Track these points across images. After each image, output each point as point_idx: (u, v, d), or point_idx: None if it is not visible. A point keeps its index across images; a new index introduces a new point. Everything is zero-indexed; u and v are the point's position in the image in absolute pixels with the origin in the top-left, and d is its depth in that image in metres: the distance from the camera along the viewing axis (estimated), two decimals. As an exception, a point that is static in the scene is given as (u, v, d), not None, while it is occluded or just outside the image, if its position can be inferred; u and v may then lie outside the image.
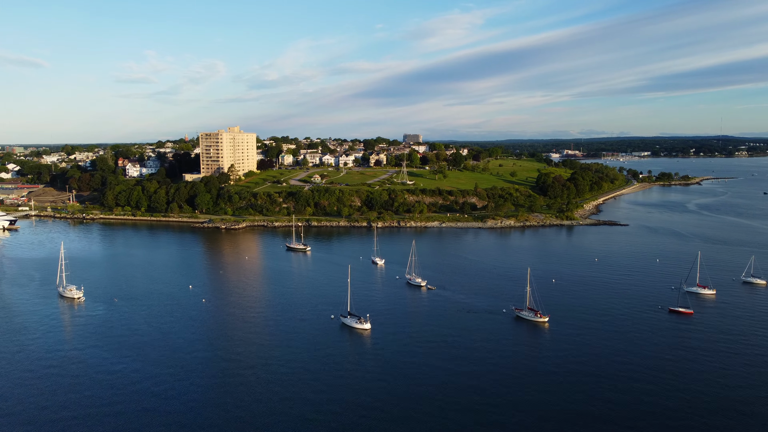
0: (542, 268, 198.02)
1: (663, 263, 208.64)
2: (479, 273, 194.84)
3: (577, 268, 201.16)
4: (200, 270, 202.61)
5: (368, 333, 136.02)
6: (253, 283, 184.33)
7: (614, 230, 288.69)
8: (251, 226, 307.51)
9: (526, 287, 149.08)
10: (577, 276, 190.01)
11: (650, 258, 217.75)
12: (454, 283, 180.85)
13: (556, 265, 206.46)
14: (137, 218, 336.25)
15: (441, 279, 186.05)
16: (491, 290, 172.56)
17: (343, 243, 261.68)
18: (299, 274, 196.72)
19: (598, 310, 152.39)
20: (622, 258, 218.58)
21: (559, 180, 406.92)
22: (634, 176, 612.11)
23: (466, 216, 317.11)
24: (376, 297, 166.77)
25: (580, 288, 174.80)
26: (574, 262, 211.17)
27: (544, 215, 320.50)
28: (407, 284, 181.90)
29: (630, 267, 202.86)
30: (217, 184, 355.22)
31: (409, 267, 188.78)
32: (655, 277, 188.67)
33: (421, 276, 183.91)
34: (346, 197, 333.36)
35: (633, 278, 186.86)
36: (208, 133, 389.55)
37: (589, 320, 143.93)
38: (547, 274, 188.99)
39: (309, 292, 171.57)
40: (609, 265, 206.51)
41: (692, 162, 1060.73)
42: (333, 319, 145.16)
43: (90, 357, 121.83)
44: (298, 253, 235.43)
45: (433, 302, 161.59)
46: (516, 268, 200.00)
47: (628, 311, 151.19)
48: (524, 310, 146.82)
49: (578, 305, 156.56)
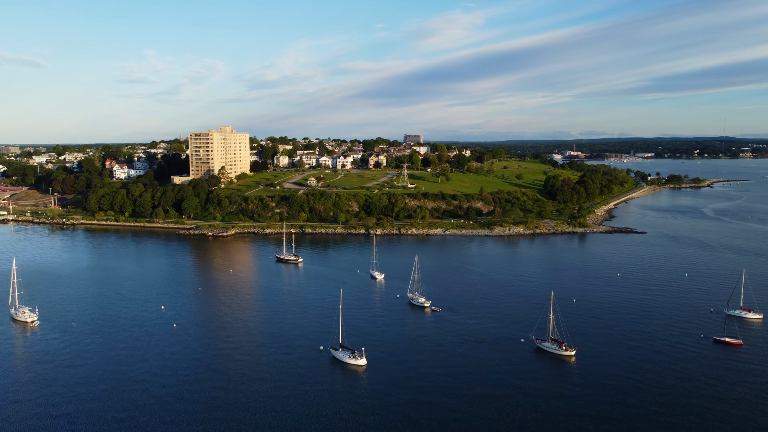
0: (561, 285, 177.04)
1: (693, 279, 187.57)
2: (489, 290, 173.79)
3: (598, 285, 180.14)
4: (177, 287, 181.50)
5: (363, 370, 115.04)
6: (233, 303, 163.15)
7: (631, 239, 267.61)
8: (241, 233, 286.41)
9: (549, 314, 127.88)
10: (599, 295, 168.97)
11: (678, 272, 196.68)
12: (461, 304, 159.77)
13: (574, 281, 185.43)
14: (120, 224, 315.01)
15: (446, 298, 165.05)
16: (505, 313, 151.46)
17: (339, 253, 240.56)
18: (287, 293, 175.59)
19: (631, 339, 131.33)
20: (646, 272, 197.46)
21: (568, 183, 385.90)
22: (642, 179, 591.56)
23: (472, 222, 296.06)
24: (373, 321, 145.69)
25: (606, 310, 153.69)
26: (594, 278, 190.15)
27: (554, 222, 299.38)
28: (409, 304, 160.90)
29: (657, 283, 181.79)
30: (206, 187, 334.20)
31: (411, 284, 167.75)
32: (688, 296, 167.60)
33: (424, 295, 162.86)
34: (342, 202, 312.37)
35: (663, 297, 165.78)
36: (197, 133, 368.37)
37: (621, 354, 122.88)
38: (567, 293, 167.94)
39: (297, 316, 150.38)
40: (633, 280, 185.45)
41: (698, 163, 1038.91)
42: (322, 351, 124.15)
43: (28, 397, 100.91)
44: (289, 265, 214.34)
45: (438, 328, 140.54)
46: (531, 285, 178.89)
47: (666, 341, 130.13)
48: (546, 341, 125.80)
49: (607, 333, 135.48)
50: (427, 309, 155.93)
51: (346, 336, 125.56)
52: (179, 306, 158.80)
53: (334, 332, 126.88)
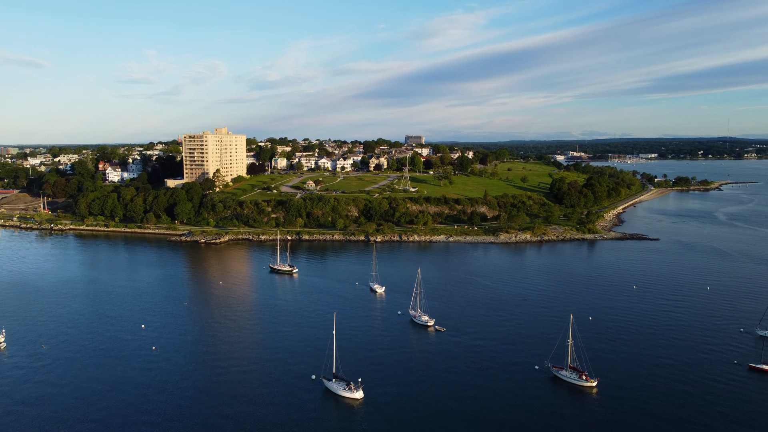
0: (575, 300, 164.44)
1: (716, 292, 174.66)
2: (498, 306, 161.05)
3: (614, 299, 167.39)
4: (162, 302, 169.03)
5: (360, 403, 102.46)
6: (220, 322, 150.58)
7: (644, 246, 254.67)
8: (235, 239, 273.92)
9: (567, 339, 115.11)
10: (617, 310, 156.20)
11: (698, 285, 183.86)
12: (467, 322, 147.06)
13: (589, 294, 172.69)
14: (110, 229, 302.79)
15: (451, 315, 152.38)
16: (516, 333, 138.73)
17: (337, 262, 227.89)
18: (280, 309, 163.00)
19: (656, 365, 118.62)
20: (664, 285, 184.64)
21: (575, 186, 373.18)
22: (649, 181, 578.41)
23: (476, 228, 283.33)
24: (372, 343, 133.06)
25: (626, 330, 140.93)
26: (610, 290, 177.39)
27: (563, 228, 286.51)
28: (411, 322, 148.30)
29: (677, 298, 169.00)
30: (200, 191, 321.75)
31: (414, 300, 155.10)
32: (713, 312, 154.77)
33: (427, 312, 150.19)
34: (341, 206, 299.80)
35: (686, 314, 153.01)
36: (191, 135, 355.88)
37: (647, 384, 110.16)
38: (582, 309, 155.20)
39: (288, 338, 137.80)
40: (652, 294, 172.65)
41: (702, 164, 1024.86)
42: (314, 380, 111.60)
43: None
44: (283, 276, 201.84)
45: (443, 351, 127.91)
46: (543, 299, 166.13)
47: (695, 369, 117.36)
48: (565, 369, 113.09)
49: (629, 359, 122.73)
50: (430, 328, 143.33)
51: (342, 364, 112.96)
52: (161, 325, 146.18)
53: (328, 358, 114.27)
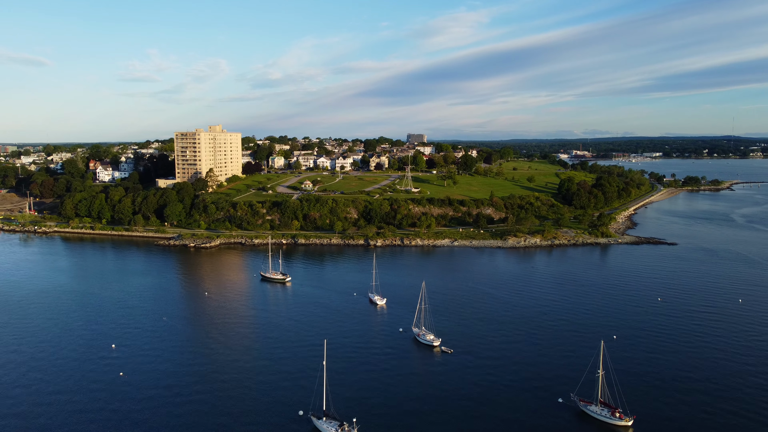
0: (597, 315, 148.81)
1: (750, 306, 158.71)
2: (512, 322, 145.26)
3: (639, 313, 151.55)
4: (139, 316, 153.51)
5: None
6: (200, 341, 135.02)
7: (662, 252, 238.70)
8: (226, 243, 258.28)
9: (598, 370, 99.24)
10: (644, 327, 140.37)
11: (728, 296, 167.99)
12: (478, 342, 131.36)
13: (611, 308, 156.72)
14: (96, 232, 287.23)
15: (460, 333, 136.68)
16: (534, 356, 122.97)
17: (335, 269, 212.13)
18: (267, 326, 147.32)
19: (697, 399, 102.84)
20: (691, 296, 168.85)
21: (584, 186, 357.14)
22: (658, 180, 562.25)
23: (482, 232, 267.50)
24: (370, 367, 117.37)
25: (658, 350, 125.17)
26: (633, 303, 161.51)
27: (574, 231, 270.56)
28: (415, 342, 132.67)
29: (707, 312, 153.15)
30: (191, 191, 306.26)
31: (418, 315, 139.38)
32: (751, 330, 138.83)
33: (433, 330, 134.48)
34: (340, 208, 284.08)
35: (720, 332, 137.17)
36: (183, 133, 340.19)
37: (693, 417, 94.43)
38: (607, 325, 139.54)
39: (275, 362, 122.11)
40: (679, 308, 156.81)
41: (709, 163, 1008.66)
42: (302, 417, 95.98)
43: None
44: (276, 285, 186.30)
45: (451, 378, 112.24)
46: (562, 314, 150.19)
47: (741, 405, 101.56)
48: (594, 403, 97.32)
49: (666, 386, 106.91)
50: (436, 349, 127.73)
51: (334, 397, 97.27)
52: (134, 344, 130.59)
53: (319, 390, 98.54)
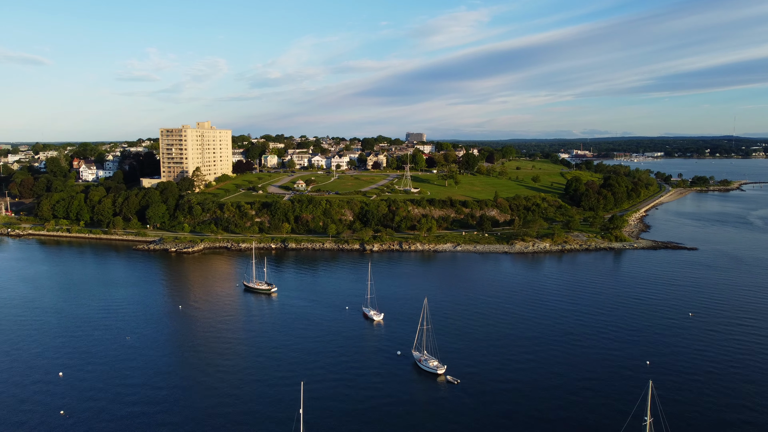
0: (629, 334, 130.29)
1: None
2: (526, 344, 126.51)
3: (672, 331, 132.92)
4: (99, 335, 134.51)
5: None
6: (160, 370, 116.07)
7: (682, 258, 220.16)
8: (211, 248, 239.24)
9: (645, 417, 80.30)
10: (681, 350, 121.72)
11: (766, 310, 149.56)
12: (488, 369, 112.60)
13: (640, 327, 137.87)
14: (73, 235, 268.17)
15: (467, 357, 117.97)
16: (557, 391, 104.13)
17: (328, 276, 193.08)
18: (247, 345, 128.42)
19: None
20: (725, 311, 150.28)
21: (592, 187, 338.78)
22: (665, 180, 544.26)
23: (487, 235, 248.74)
24: (359, 403, 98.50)
25: (701, 383, 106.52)
26: (662, 318, 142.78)
27: (586, 235, 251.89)
28: (415, 367, 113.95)
29: (749, 331, 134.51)
30: (176, 191, 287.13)
31: (419, 337, 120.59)
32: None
33: (436, 354, 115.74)
34: (334, 210, 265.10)
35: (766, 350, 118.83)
36: (169, 129, 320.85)
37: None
38: (636, 350, 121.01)
39: (244, 399, 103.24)
40: (715, 326, 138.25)
41: (712, 163, 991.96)
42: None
43: None
44: (260, 296, 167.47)
45: (459, 417, 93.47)
46: (586, 334, 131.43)
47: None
48: (640, 459, 78.70)
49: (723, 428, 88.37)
50: (440, 377, 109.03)
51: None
52: (86, 371, 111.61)
53: None
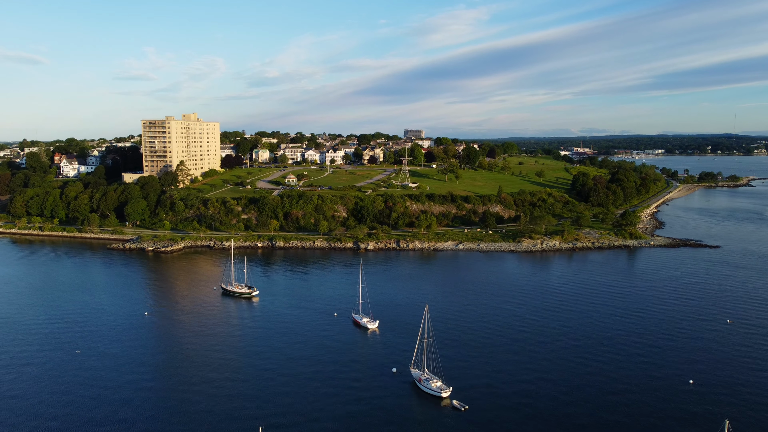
0: (666, 359, 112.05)
1: None
2: (547, 358, 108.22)
3: (712, 342, 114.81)
4: (50, 347, 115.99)
5: None
6: (117, 391, 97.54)
7: (704, 256, 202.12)
8: (192, 246, 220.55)
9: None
10: (728, 366, 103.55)
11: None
12: (502, 390, 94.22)
13: (676, 339, 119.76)
14: (46, 233, 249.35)
15: (475, 375, 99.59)
16: (587, 419, 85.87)
17: (318, 278, 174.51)
18: (219, 364, 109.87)
19: None
20: (764, 314, 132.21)
21: (600, 182, 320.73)
22: (672, 176, 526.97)
23: (491, 233, 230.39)
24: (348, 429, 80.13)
25: (755, 406, 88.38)
26: (698, 327, 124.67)
27: (598, 232, 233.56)
28: (414, 388, 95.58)
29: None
30: (157, 187, 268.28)
31: (419, 352, 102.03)
32: None
33: (440, 374, 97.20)
34: (327, 206, 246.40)
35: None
36: (151, 121, 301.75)
37: None
38: (674, 366, 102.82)
39: (213, 426, 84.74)
40: (758, 336, 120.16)
41: (714, 160, 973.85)
42: None
43: None
44: (239, 301, 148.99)
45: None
46: (615, 344, 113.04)
47: None
48: None
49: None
50: (445, 402, 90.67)
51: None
52: (18, 402, 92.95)
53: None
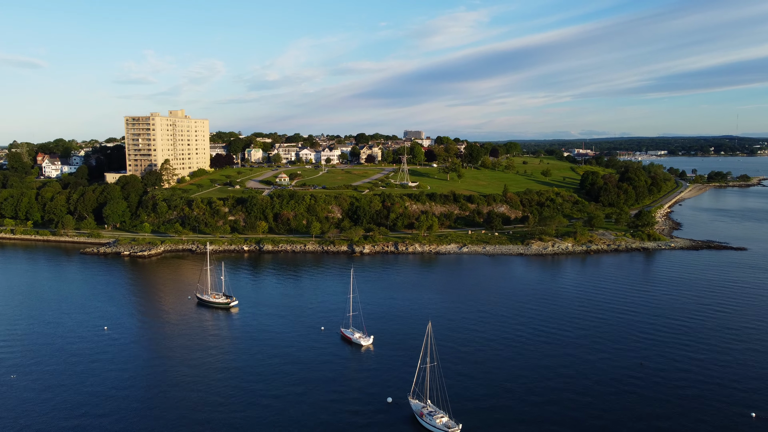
0: (722, 388, 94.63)
1: None
2: (575, 385, 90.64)
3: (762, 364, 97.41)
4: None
5: None
6: (57, 419, 79.97)
7: (731, 259, 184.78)
8: (173, 250, 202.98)
9: None
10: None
11: None
12: (526, 430, 76.71)
13: (726, 355, 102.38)
14: (17, 237, 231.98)
15: (491, 409, 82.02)
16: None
17: (307, 285, 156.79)
18: (185, 386, 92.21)
19: None
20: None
21: (611, 180, 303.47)
22: (680, 176, 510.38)
23: (497, 235, 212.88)
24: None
25: None
26: (749, 348, 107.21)
27: (613, 233, 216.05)
28: (414, 424, 77.99)
29: None
30: (139, 187, 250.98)
31: (420, 378, 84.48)
32: None
33: (446, 407, 79.64)
34: (320, 206, 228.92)
35: None
36: (135, 117, 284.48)
37: None
38: (742, 390, 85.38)
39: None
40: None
41: (719, 161, 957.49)
42: None
43: None
44: (216, 311, 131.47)
45: None
46: (658, 368, 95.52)
47: None
48: None
49: None
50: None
51: None
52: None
53: None
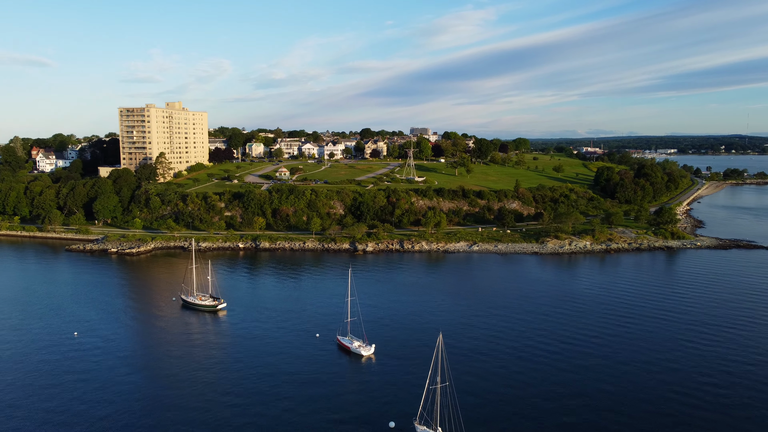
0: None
1: None
2: (612, 409, 77.48)
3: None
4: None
5: None
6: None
7: (764, 258, 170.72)
8: (163, 248, 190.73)
9: None
10: None
11: None
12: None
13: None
14: (3, 233, 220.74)
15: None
16: None
17: (304, 286, 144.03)
18: (155, 402, 79.51)
19: None
20: None
21: (626, 176, 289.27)
22: (695, 174, 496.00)
23: (510, 232, 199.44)
24: None
25: None
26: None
27: (634, 231, 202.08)
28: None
29: None
30: (132, 181, 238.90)
31: (429, 398, 71.50)
32: None
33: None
34: (321, 201, 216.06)
35: None
36: (129, 108, 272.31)
37: None
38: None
39: None
40: None
41: (730, 159, 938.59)
42: None
43: None
44: (202, 315, 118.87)
45: None
46: (706, 388, 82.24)
47: None
48: None
49: None
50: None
51: None
52: None
53: None
